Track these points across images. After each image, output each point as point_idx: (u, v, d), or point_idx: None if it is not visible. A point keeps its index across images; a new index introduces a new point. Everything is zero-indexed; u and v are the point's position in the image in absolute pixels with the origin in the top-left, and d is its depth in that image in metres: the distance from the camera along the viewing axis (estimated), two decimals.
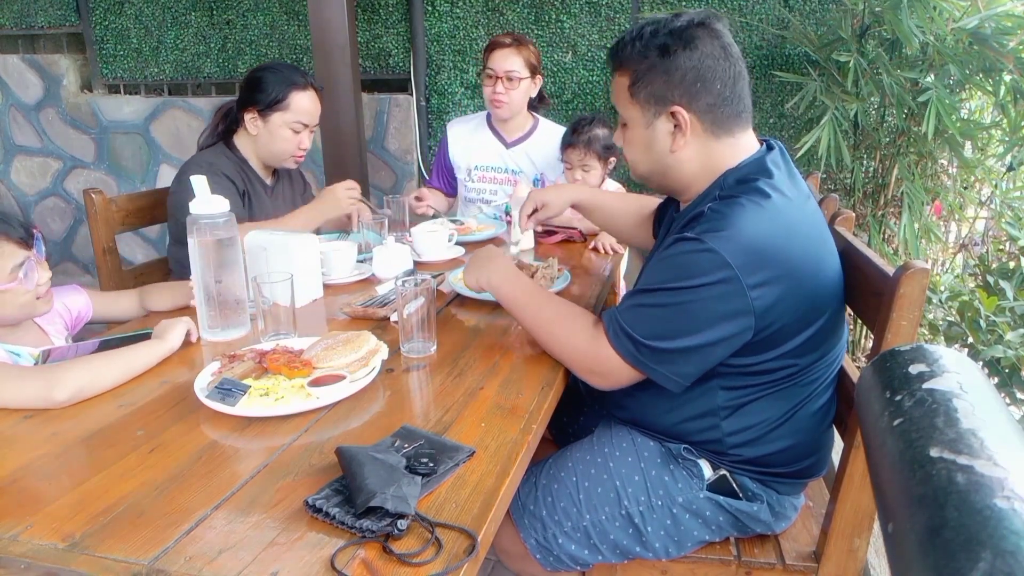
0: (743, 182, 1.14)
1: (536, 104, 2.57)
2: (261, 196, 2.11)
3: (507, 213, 2.46)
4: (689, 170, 1.20)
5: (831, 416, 1.30)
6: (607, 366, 1.18)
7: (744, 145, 1.20)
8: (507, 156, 2.56)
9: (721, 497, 1.26)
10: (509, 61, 2.40)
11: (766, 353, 1.14)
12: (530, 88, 2.48)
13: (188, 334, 1.39)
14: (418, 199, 2.46)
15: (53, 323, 1.52)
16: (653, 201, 1.63)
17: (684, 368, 1.13)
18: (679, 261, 1.10)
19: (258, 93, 2.01)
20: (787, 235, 1.11)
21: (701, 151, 1.18)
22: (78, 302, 1.60)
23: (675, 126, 1.17)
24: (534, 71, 2.45)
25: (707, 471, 1.26)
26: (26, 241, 1.36)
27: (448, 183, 2.71)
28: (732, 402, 1.20)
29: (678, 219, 1.26)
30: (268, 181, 2.16)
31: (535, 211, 1.71)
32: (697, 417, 1.22)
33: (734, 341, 1.11)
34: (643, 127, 1.20)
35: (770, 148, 1.22)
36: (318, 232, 2.08)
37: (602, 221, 1.74)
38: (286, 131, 2.04)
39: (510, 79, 2.41)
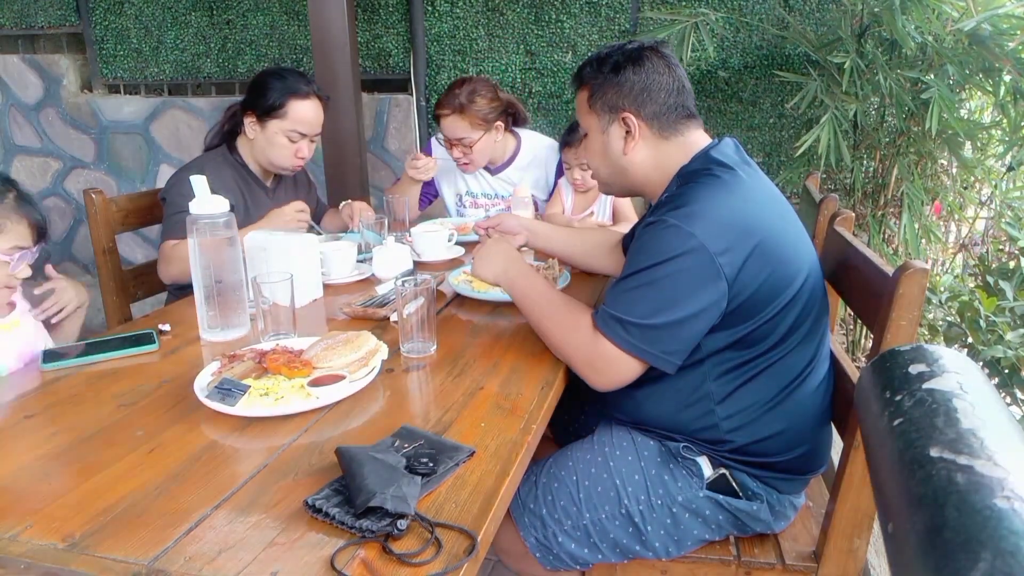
0: (696, 171, 1.27)
1: (514, 125, 2.46)
2: (260, 200, 2.09)
3: None
4: (643, 169, 1.34)
5: (825, 408, 1.32)
6: (604, 359, 1.20)
7: (694, 142, 1.32)
8: (494, 182, 2.52)
9: (721, 496, 1.27)
10: (455, 128, 2.29)
11: (746, 323, 1.19)
12: (494, 136, 2.35)
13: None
14: (415, 160, 2.34)
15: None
16: (617, 233, 1.77)
17: (672, 345, 1.18)
18: (648, 243, 1.20)
19: (259, 97, 1.99)
20: (742, 202, 1.20)
21: (652, 152, 1.32)
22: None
23: (627, 131, 1.31)
24: (491, 121, 2.31)
25: (707, 470, 1.28)
26: (34, 238, 1.40)
27: (427, 196, 2.62)
28: (724, 386, 1.24)
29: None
30: (268, 183, 2.15)
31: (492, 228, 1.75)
32: (693, 404, 1.26)
33: (713, 311, 1.16)
34: (600, 133, 1.35)
35: (720, 141, 1.33)
36: (318, 232, 2.07)
37: (557, 251, 1.77)
38: (282, 139, 2.00)
39: (464, 144, 2.32)
